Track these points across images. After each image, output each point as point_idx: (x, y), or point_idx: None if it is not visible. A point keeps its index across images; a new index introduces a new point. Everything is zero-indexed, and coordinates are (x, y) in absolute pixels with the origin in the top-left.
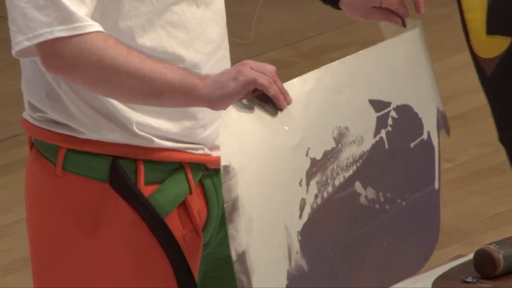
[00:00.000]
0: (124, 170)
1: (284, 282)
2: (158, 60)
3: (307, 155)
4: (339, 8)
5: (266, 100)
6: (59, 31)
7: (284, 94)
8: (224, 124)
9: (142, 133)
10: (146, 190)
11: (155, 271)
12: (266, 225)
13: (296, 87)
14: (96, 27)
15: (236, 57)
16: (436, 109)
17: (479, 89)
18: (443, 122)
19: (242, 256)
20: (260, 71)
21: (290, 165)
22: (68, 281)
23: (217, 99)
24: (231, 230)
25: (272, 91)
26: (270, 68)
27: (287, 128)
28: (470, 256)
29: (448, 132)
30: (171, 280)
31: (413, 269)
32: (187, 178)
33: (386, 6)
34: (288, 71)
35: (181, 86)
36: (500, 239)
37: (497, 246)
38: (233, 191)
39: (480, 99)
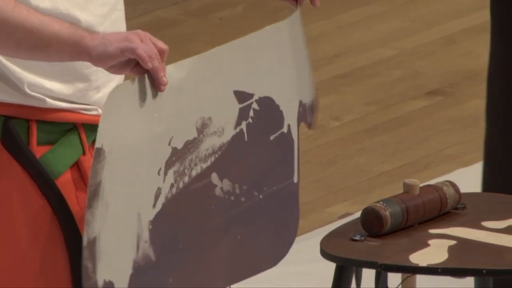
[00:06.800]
0: (16, 130)
1: (129, 271)
2: (47, 14)
3: (169, 144)
4: None
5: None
6: None
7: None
8: (106, 104)
9: (34, 94)
10: (39, 151)
11: (46, 231)
12: (120, 213)
13: (172, 73)
14: None
15: None
16: (299, 102)
17: (367, 47)
18: (308, 115)
19: (92, 243)
20: (146, 45)
21: (153, 154)
22: None
23: (97, 55)
24: (88, 216)
25: (150, 64)
26: (161, 46)
27: (157, 115)
28: (358, 214)
29: (310, 126)
30: (60, 241)
31: (270, 262)
32: (80, 138)
33: None
34: (176, 29)
35: (69, 37)
36: (387, 197)
37: (384, 204)
38: (99, 175)
39: (367, 57)
